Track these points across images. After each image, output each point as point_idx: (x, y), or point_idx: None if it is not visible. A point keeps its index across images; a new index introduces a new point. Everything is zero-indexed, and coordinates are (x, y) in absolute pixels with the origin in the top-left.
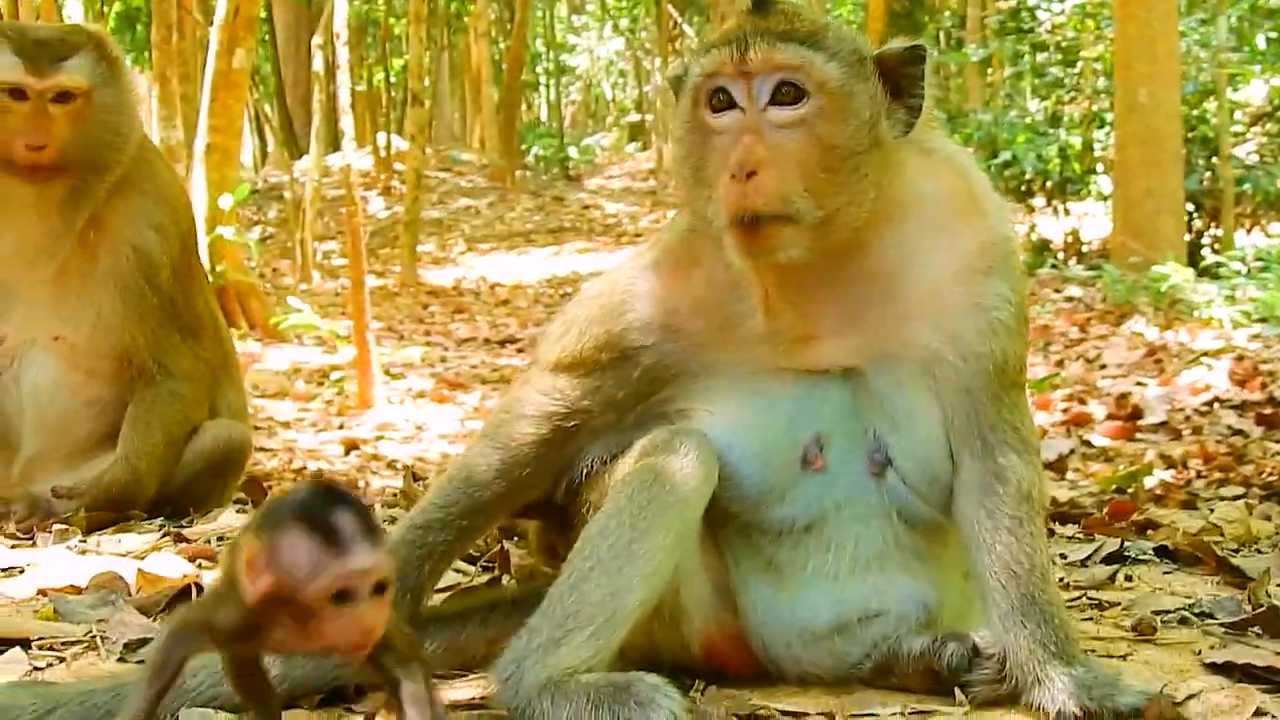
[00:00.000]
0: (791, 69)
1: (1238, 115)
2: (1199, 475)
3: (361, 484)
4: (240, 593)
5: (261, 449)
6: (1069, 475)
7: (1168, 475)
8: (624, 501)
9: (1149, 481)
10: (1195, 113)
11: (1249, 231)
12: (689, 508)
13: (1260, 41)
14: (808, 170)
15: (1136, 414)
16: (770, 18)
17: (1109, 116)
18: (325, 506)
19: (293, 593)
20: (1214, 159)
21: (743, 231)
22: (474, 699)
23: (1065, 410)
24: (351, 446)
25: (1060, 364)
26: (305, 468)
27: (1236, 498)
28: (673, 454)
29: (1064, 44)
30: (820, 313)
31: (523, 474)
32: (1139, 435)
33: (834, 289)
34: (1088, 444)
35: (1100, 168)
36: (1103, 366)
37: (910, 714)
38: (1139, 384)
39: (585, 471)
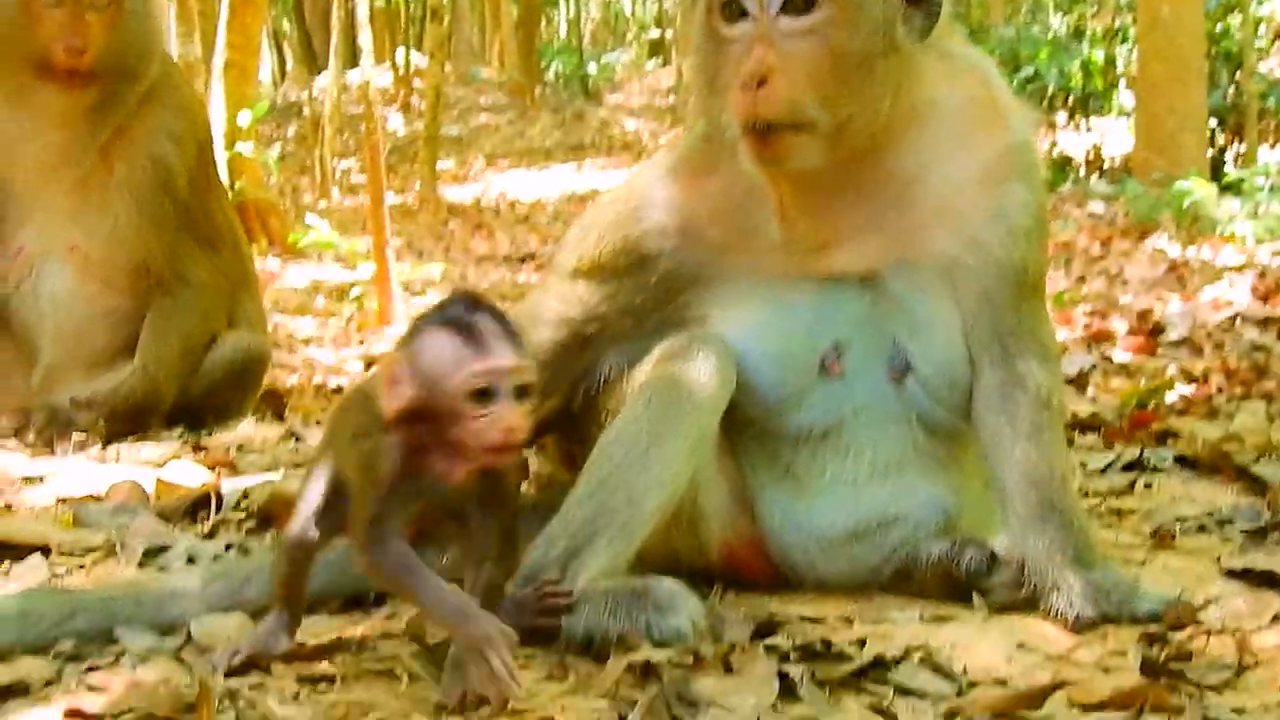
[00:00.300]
0: None
1: (1261, 30)
2: (1220, 390)
3: None
4: (383, 422)
5: (281, 365)
6: (1090, 391)
7: (1189, 390)
8: (640, 408)
9: (1170, 397)
10: (1219, 28)
11: (1272, 146)
12: (706, 413)
13: None
14: (819, 78)
15: (1158, 330)
16: None
17: (1132, 32)
18: (466, 311)
19: (434, 394)
20: (1238, 74)
21: (755, 139)
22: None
23: (1086, 326)
24: (371, 363)
25: (1082, 280)
26: (325, 383)
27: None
28: (690, 360)
29: None
30: (838, 219)
31: (541, 380)
32: (1160, 351)
33: (851, 195)
34: (1109, 360)
35: (1123, 83)
36: (1124, 282)
37: (928, 619)
38: (1160, 300)
39: (603, 379)
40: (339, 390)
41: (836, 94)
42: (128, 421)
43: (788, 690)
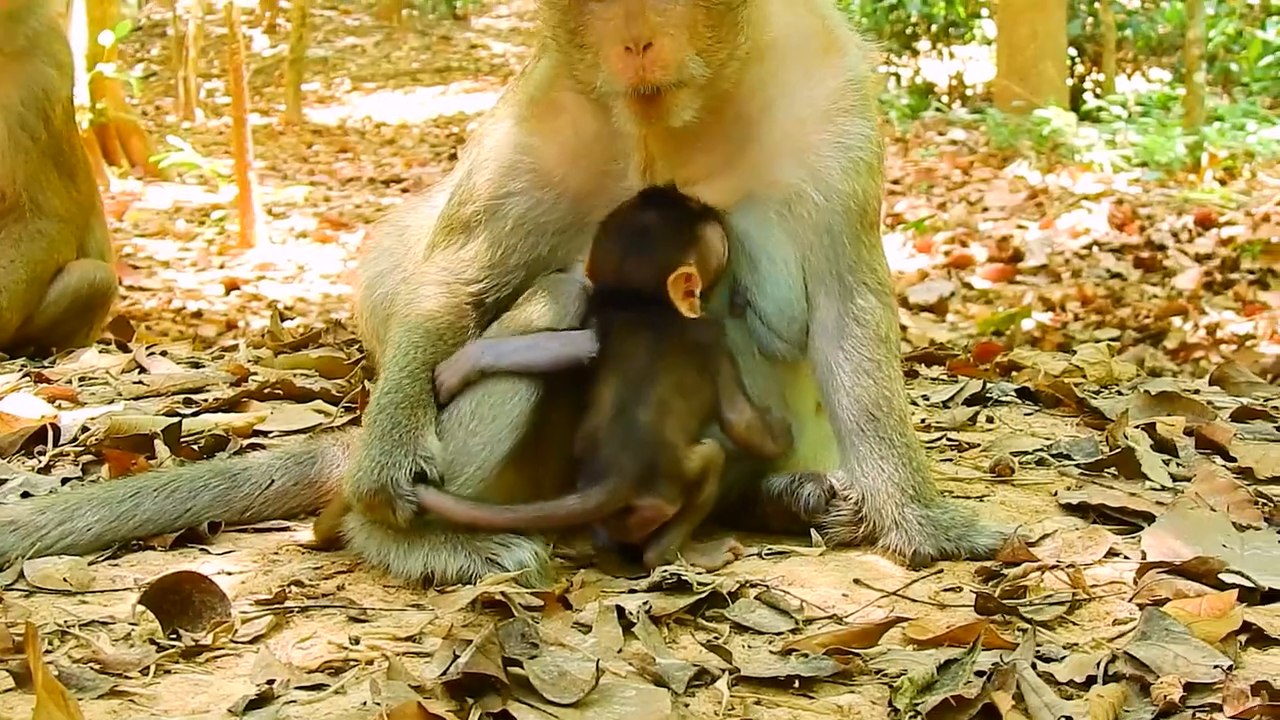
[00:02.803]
0: None
1: None
2: (1076, 318)
3: (241, 324)
4: None
5: (140, 288)
6: (949, 317)
7: (1046, 318)
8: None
9: (1027, 324)
10: None
11: (1130, 77)
12: None
13: None
14: (696, 32)
15: (1017, 257)
16: None
17: None
18: (695, 205)
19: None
20: (1096, 4)
21: (641, 102)
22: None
23: (947, 253)
24: (232, 286)
25: (943, 206)
26: (184, 308)
27: (1113, 339)
28: (532, 304)
29: None
30: (696, 161)
31: (451, 343)
32: (1019, 278)
33: (708, 137)
34: (968, 286)
35: (985, 12)
36: (985, 209)
37: (767, 554)
38: (1020, 227)
39: None
40: (198, 314)
41: (711, 46)
42: None
43: (626, 627)
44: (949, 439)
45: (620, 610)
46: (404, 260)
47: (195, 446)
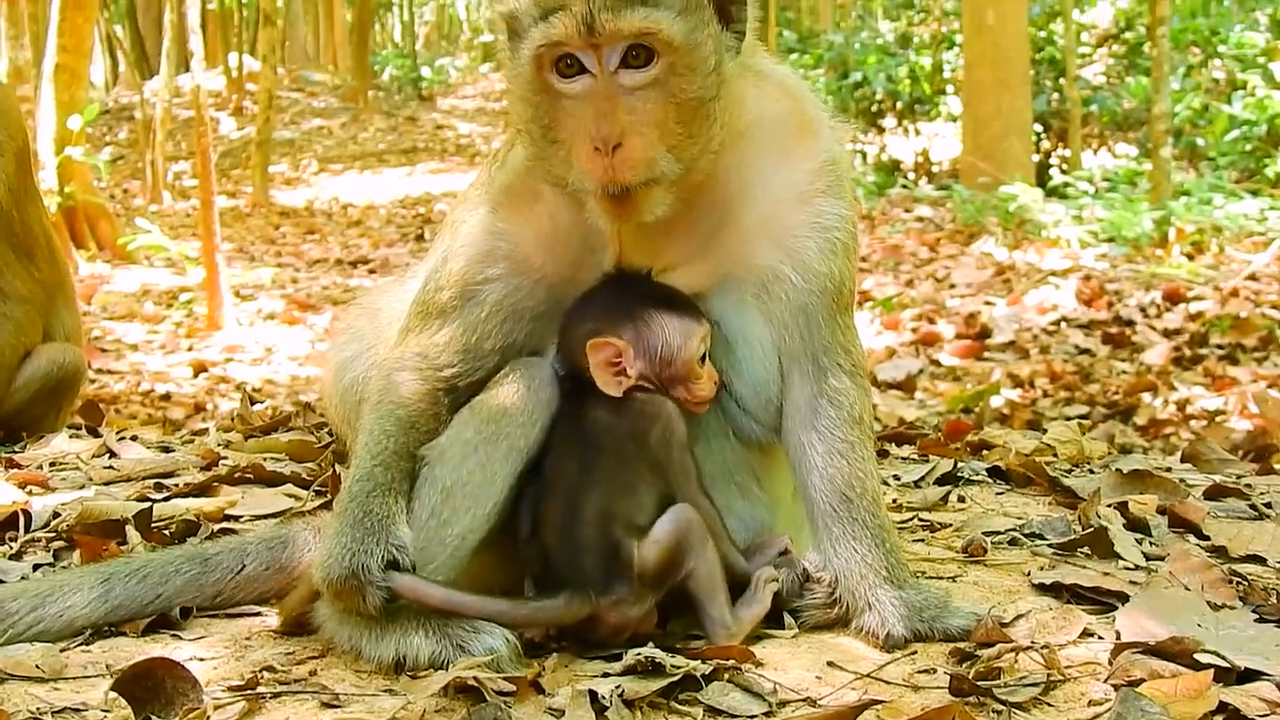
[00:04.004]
0: (640, 35)
1: (1084, 36)
2: (1045, 394)
3: (210, 406)
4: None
5: (109, 371)
6: (918, 394)
7: (1015, 394)
8: (469, 434)
9: (996, 400)
10: (1043, 34)
11: (1096, 152)
12: (523, 438)
13: None
14: (666, 129)
15: (985, 333)
16: None
17: (958, 38)
18: (660, 290)
19: (668, 365)
20: (1061, 80)
21: (611, 201)
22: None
23: (914, 330)
24: (200, 369)
25: (910, 283)
26: (152, 390)
27: (1082, 416)
28: (506, 385)
29: None
30: (671, 248)
31: (424, 430)
32: (987, 354)
33: (683, 225)
34: (936, 363)
35: (950, 89)
36: (952, 286)
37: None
38: (987, 303)
39: None
40: (166, 396)
41: (683, 141)
42: None
43: (599, 711)
44: (921, 519)
45: (593, 695)
46: (375, 344)
47: (166, 531)
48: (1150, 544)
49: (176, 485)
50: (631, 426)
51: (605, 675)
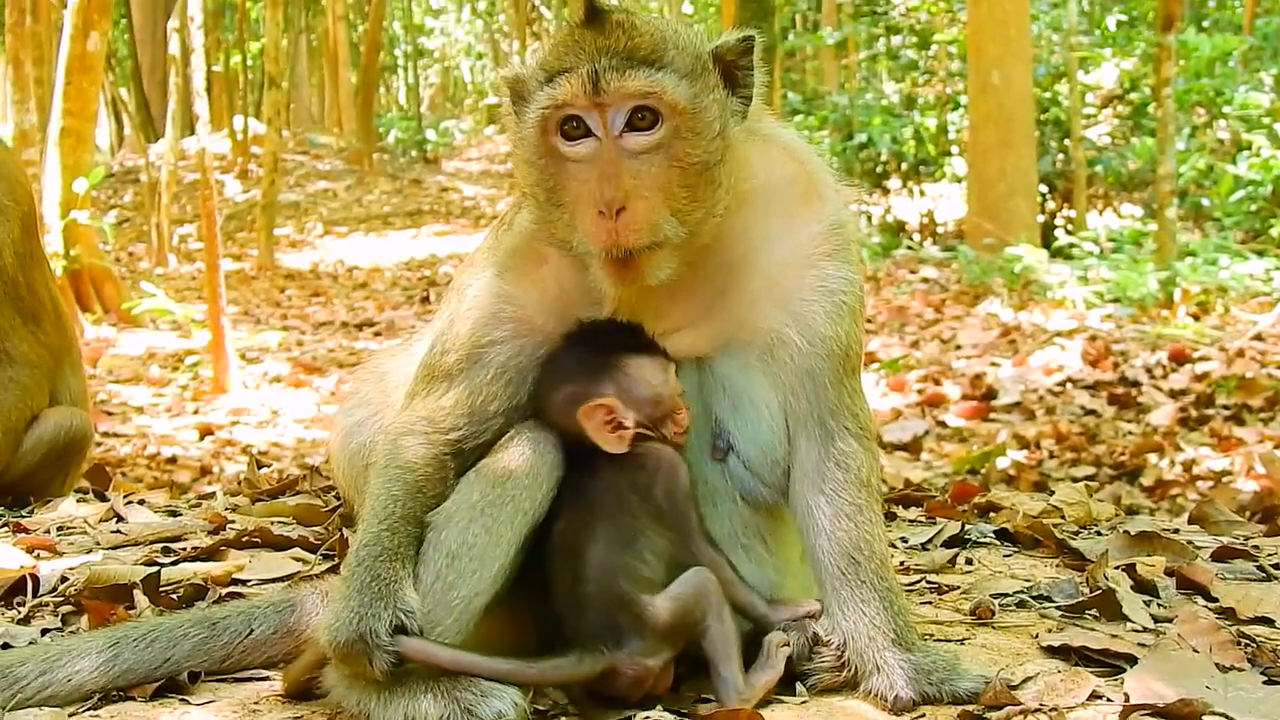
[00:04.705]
0: (645, 96)
1: (1089, 98)
2: (1051, 455)
3: (216, 469)
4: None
5: (115, 435)
6: (924, 456)
7: (1021, 455)
8: (475, 497)
9: (1002, 462)
10: (1047, 95)
11: (1101, 213)
12: (529, 500)
13: (1110, 24)
14: (671, 193)
15: (991, 394)
16: (609, 34)
17: (963, 99)
18: (629, 334)
19: (656, 407)
20: (1066, 141)
21: (615, 264)
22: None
23: (920, 391)
24: (206, 432)
25: (915, 345)
26: (159, 454)
27: (1089, 477)
28: (511, 449)
29: (918, 27)
30: (675, 310)
31: (431, 494)
32: (993, 415)
33: (688, 287)
34: (942, 424)
35: (955, 150)
36: (958, 347)
37: None
38: (993, 364)
39: None
40: (172, 460)
41: (687, 205)
42: None
43: None
44: (928, 581)
45: None
46: (382, 408)
47: (174, 596)
48: (1158, 606)
49: (184, 549)
50: (633, 479)
51: None
